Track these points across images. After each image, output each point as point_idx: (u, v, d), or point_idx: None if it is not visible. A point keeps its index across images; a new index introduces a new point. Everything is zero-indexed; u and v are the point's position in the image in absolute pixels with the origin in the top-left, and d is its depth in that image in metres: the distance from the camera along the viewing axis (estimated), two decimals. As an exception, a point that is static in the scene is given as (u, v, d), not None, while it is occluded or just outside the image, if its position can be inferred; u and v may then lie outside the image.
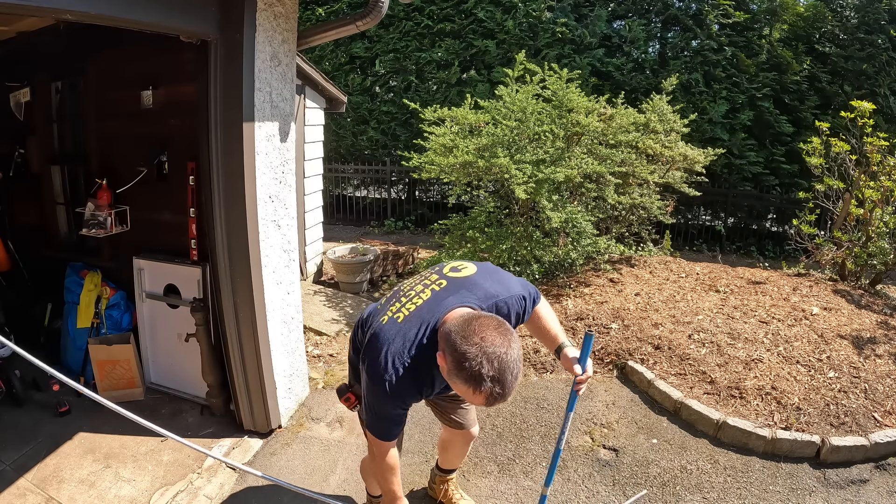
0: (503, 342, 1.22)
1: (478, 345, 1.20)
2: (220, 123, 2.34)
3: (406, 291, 1.54)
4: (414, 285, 1.55)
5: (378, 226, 8.66)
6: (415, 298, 1.47)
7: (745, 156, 7.27)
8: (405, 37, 8.32)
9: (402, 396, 1.44)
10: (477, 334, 1.22)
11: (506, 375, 1.20)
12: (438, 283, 1.51)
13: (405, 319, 1.43)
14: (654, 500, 2.34)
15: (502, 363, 1.20)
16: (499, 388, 1.20)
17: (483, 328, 1.24)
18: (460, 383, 1.24)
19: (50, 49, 3.20)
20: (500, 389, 1.20)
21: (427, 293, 1.48)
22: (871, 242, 4.27)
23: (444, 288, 1.48)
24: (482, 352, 1.19)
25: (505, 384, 1.20)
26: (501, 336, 1.23)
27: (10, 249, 3.61)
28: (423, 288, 1.51)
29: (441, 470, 2.28)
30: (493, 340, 1.21)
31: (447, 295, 1.46)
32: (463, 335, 1.24)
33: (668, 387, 3.01)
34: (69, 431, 2.74)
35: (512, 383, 1.22)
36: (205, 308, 2.74)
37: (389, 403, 1.44)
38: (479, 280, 1.51)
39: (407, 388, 1.42)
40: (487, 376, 1.19)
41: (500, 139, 4.27)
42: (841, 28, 7.06)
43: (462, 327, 1.26)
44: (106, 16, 1.80)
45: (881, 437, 2.54)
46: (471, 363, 1.20)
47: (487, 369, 1.19)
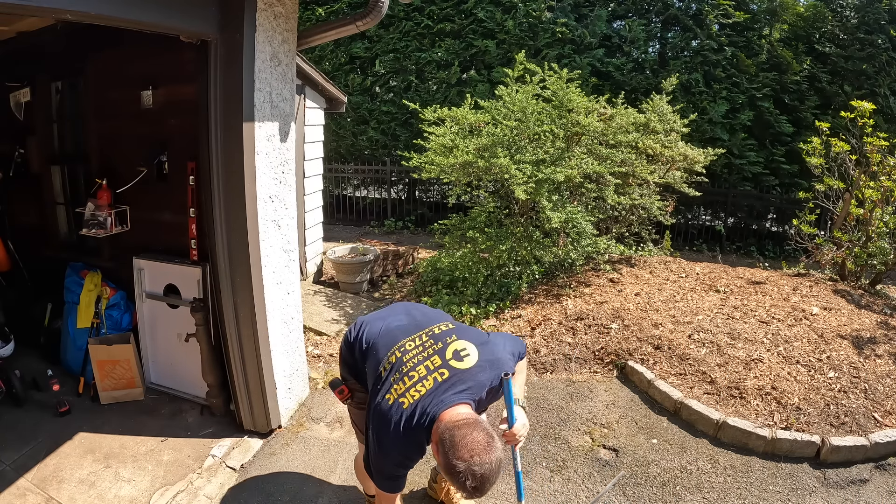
0: (487, 457, 1.39)
1: (466, 461, 1.38)
2: (220, 123, 2.34)
3: (409, 370, 1.67)
4: (416, 364, 1.68)
5: (378, 226, 8.66)
6: (418, 386, 1.62)
7: (745, 156, 7.27)
8: (405, 37, 8.32)
9: (404, 465, 1.67)
10: (465, 449, 1.40)
11: (485, 485, 1.40)
12: (441, 371, 1.65)
13: (409, 406, 1.59)
14: (654, 500, 2.34)
15: (483, 477, 1.38)
16: (478, 494, 1.41)
17: (472, 444, 1.40)
18: (448, 478, 1.45)
19: (50, 49, 3.20)
20: (479, 494, 1.42)
21: (430, 382, 1.62)
22: (871, 242, 4.27)
23: (446, 380, 1.62)
24: (468, 468, 1.38)
25: (483, 490, 1.41)
26: (486, 452, 1.40)
27: (10, 249, 3.61)
28: (427, 373, 1.64)
29: None
30: (479, 457, 1.38)
31: (448, 388, 1.60)
32: (453, 448, 1.42)
33: (668, 387, 3.01)
34: (69, 431, 2.74)
35: (490, 487, 1.42)
36: (205, 308, 2.74)
37: (393, 467, 1.67)
38: (477, 373, 1.66)
39: (408, 459, 1.65)
40: (470, 487, 1.39)
41: (500, 139, 4.27)
42: (841, 28, 7.06)
43: (453, 439, 1.43)
44: (106, 16, 1.80)
45: (881, 437, 2.54)
46: (457, 474, 1.39)
47: (471, 482, 1.38)
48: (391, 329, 1.84)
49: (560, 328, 3.74)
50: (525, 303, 4.21)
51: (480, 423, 1.48)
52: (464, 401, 1.59)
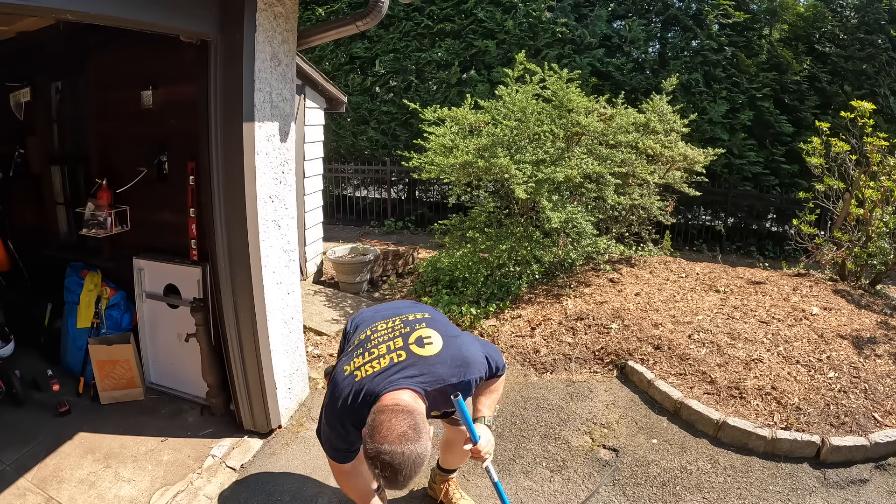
0: (399, 447, 1.37)
1: (376, 446, 1.38)
2: (220, 123, 2.34)
3: (371, 347, 1.69)
4: (379, 342, 1.70)
5: (378, 226, 8.66)
6: (374, 363, 1.63)
7: (745, 156, 7.27)
8: (405, 37, 8.31)
9: (345, 438, 1.67)
10: (380, 435, 1.39)
11: (396, 476, 1.37)
12: (399, 353, 1.64)
13: (360, 381, 1.60)
14: (654, 500, 2.34)
15: (393, 467, 1.36)
16: (389, 483, 1.39)
17: (387, 431, 1.39)
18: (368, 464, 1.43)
19: (50, 49, 3.20)
20: (392, 484, 1.39)
21: (385, 361, 1.63)
22: (871, 242, 4.27)
23: (401, 362, 1.62)
24: (378, 453, 1.37)
25: (395, 481, 1.38)
26: (399, 441, 1.37)
27: (10, 249, 3.61)
28: (386, 352, 1.65)
29: (442, 469, 2.28)
30: (390, 445, 1.37)
31: (398, 371, 1.59)
32: (370, 431, 1.41)
33: (668, 387, 3.01)
34: (69, 431, 2.74)
35: (403, 481, 1.39)
36: (205, 308, 2.74)
37: (336, 438, 1.68)
38: (435, 362, 1.63)
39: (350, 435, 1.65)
40: (381, 476, 1.39)
41: (500, 139, 4.27)
42: (841, 28, 7.06)
43: (373, 423, 1.43)
44: (106, 16, 1.80)
45: (881, 437, 2.54)
46: (368, 458, 1.39)
47: (380, 469, 1.37)
48: (377, 315, 1.89)
49: (560, 328, 3.74)
50: (525, 303, 4.21)
51: (409, 412, 1.45)
52: (410, 387, 1.56)
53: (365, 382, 1.58)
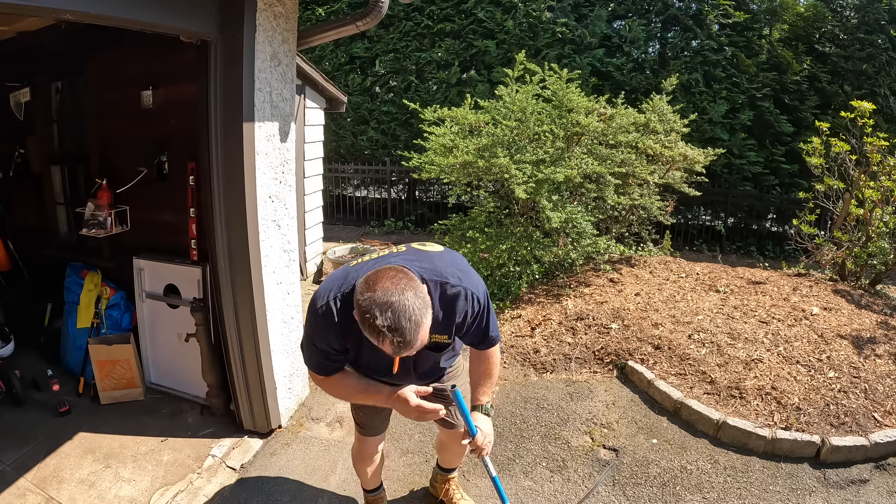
0: (396, 289, 1.22)
1: (370, 297, 1.21)
2: (220, 123, 2.34)
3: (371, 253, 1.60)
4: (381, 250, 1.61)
5: (378, 226, 8.65)
6: (371, 254, 1.53)
7: (745, 156, 7.27)
8: (405, 37, 8.31)
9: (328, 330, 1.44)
10: (371, 286, 1.24)
11: (401, 323, 1.20)
12: (398, 248, 1.55)
13: (355, 266, 1.48)
14: (654, 500, 2.34)
15: (395, 311, 1.20)
16: (398, 337, 1.21)
17: (378, 279, 1.24)
18: (369, 337, 1.26)
19: (50, 49, 3.20)
20: (400, 337, 1.21)
21: (384, 252, 1.52)
22: (871, 242, 4.27)
23: (401, 252, 1.51)
24: (373, 302, 1.21)
25: (403, 331, 1.21)
26: (394, 283, 1.23)
27: (10, 249, 3.61)
28: (386, 250, 1.55)
29: (442, 469, 2.28)
30: (385, 289, 1.21)
31: (395, 256, 1.47)
32: (360, 291, 1.25)
33: (668, 387, 3.01)
34: (69, 431, 2.74)
35: (412, 330, 1.22)
36: (205, 308, 2.74)
37: (318, 334, 1.48)
38: (435, 258, 1.50)
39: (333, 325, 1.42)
40: (384, 326, 1.20)
41: (500, 139, 4.27)
42: (841, 28, 7.05)
43: (362, 283, 1.27)
44: (106, 16, 1.80)
45: (881, 437, 2.54)
46: (366, 316, 1.22)
47: (381, 320, 1.20)
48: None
49: (560, 328, 3.74)
50: (525, 303, 4.21)
51: (410, 277, 1.29)
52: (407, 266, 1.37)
53: (361, 266, 1.45)
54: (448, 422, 1.98)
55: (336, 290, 1.44)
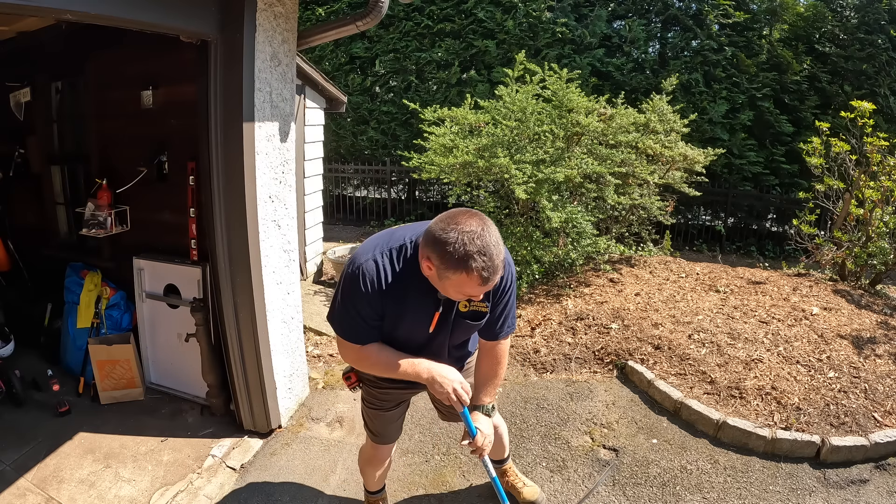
0: (478, 224, 1.27)
1: (455, 229, 1.26)
2: (220, 123, 2.34)
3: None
4: None
5: (378, 226, 8.65)
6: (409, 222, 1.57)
7: (745, 156, 7.27)
8: (405, 37, 8.31)
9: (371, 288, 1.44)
10: (452, 223, 1.28)
11: (490, 250, 1.25)
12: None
13: (392, 229, 1.52)
14: (654, 500, 2.34)
15: (482, 239, 1.25)
16: (487, 260, 1.26)
17: (457, 216, 1.29)
18: (451, 273, 1.28)
19: (50, 49, 3.20)
20: (489, 261, 1.26)
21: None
22: (871, 242, 4.27)
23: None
24: (461, 233, 1.25)
25: (491, 257, 1.26)
26: (477, 219, 1.28)
27: (10, 249, 3.61)
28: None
29: (495, 463, 2.28)
30: (468, 226, 1.27)
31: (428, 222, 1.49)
32: (441, 228, 1.29)
33: (668, 387, 3.01)
34: (69, 431, 2.74)
35: (497, 257, 1.27)
36: (205, 308, 2.74)
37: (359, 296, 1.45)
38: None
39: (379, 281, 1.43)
40: (472, 254, 1.24)
41: (500, 139, 4.27)
42: (841, 28, 7.06)
43: (438, 224, 1.31)
44: (106, 16, 1.80)
45: (881, 437, 2.54)
46: (454, 246, 1.25)
47: (470, 247, 1.24)
48: None
49: (560, 328, 3.74)
50: (525, 303, 4.21)
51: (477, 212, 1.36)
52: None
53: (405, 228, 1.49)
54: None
55: (382, 247, 1.46)
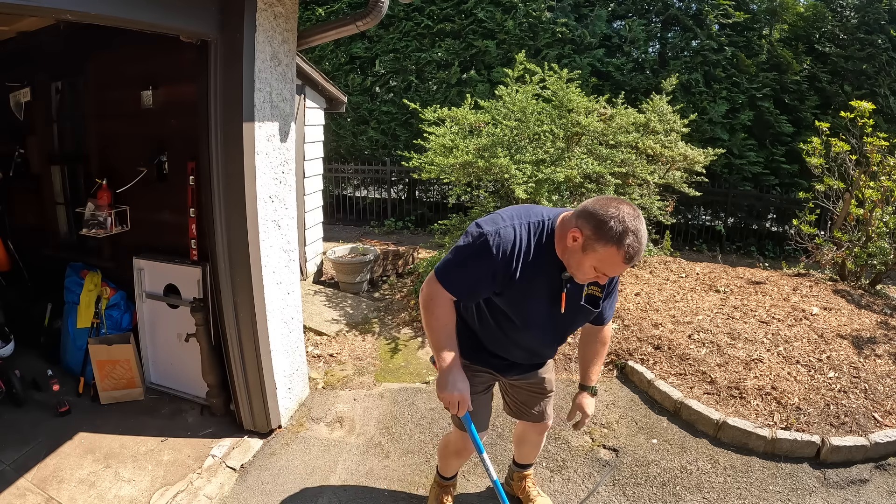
0: (633, 210, 1.38)
1: (616, 209, 1.37)
2: (220, 123, 2.34)
3: None
4: None
5: (378, 226, 8.65)
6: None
7: (745, 156, 7.27)
8: (405, 37, 8.31)
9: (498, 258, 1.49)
10: (611, 203, 1.39)
11: (641, 234, 1.37)
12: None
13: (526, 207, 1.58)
14: (654, 500, 2.34)
15: (636, 227, 1.36)
16: (637, 243, 1.36)
17: (614, 200, 1.40)
18: (601, 245, 1.38)
19: (50, 49, 3.20)
20: (638, 245, 1.37)
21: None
22: (871, 242, 4.27)
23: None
24: (621, 212, 1.36)
25: (641, 241, 1.37)
26: (629, 205, 1.39)
27: (10, 249, 3.61)
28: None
29: (518, 465, 2.29)
30: (626, 208, 1.38)
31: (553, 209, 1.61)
32: (601, 206, 1.39)
33: (668, 387, 3.01)
34: (69, 431, 2.74)
35: (643, 244, 1.39)
36: (205, 308, 2.74)
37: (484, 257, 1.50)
38: None
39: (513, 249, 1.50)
40: (629, 232, 1.35)
41: (500, 139, 4.27)
42: (841, 28, 7.05)
43: (595, 203, 1.42)
44: (106, 16, 1.80)
45: (881, 437, 2.54)
46: (615, 220, 1.35)
47: (628, 227, 1.35)
48: None
49: (560, 328, 3.74)
50: (525, 303, 4.20)
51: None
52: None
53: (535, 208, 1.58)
54: (533, 414, 1.99)
55: (521, 218, 1.54)
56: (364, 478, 2.49)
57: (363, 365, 3.63)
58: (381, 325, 4.31)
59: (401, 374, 3.54)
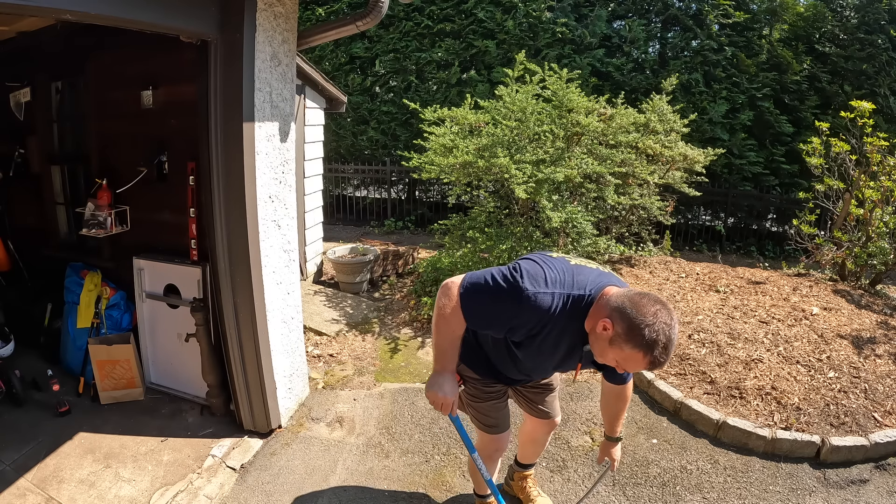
0: (669, 318, 1.35)
1: (653, 316, 1.34)
2: (220, 123, 2.34)
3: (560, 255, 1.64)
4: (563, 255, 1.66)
5: (378, 226, 8.65)
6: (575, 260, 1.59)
7: (745, 156, 7.27)
8: (405, 37, 8.31)
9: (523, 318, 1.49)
10: (651, 307, 1.36)
11: (671, 347, 1.35)
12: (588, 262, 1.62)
13: (576, 265, 1.55)
14: (654, 500, 2.34)
15: (668, 337, 1.34)
16: (664, 357, 1.35)
17: (654, 303, 1.37)
18: (628, 348, 1.36)
19: (50, 49, 3.20)
20: (664, 357, 1.36)
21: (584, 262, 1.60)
22: (871, 242, 4.27)
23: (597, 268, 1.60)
24: (658, 321, 1.33)
25: (669, 353, 1.36)
26: (668, 312, 1.36)
27: (10, 249, 3.61)
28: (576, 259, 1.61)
29: (520, 465, 2.29)
30: (664, 316, 1.35)
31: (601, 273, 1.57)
32: (639, 308, 1.36)
33: (668, 387, 3.01)
34: (69, 431, 2.74)
35: (672, 350, 1.37)
36: (205, 308, 2.74)
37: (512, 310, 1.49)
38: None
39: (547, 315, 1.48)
40: (660, 343, 1.33)
41: (500, 139, 4.27)
42: (841, 28, 7.05)
43: (635, 300, 1.38)
44: (106, 16, 1.80)
45: (881, 437, 2.54)
46: (650, 328, 1.33)
47: (660, 338, 1.33)
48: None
49: (560, 328, 3.74)
50: (525, 303, 4.20)
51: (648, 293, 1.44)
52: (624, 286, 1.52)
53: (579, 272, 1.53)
54: (544, 411, 2.00)
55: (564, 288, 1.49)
56: (364, 478, 2.50)
57: (363, 365, 3.63)
58: (381, 325, 4.31)
59: (401, 374, 3.54)
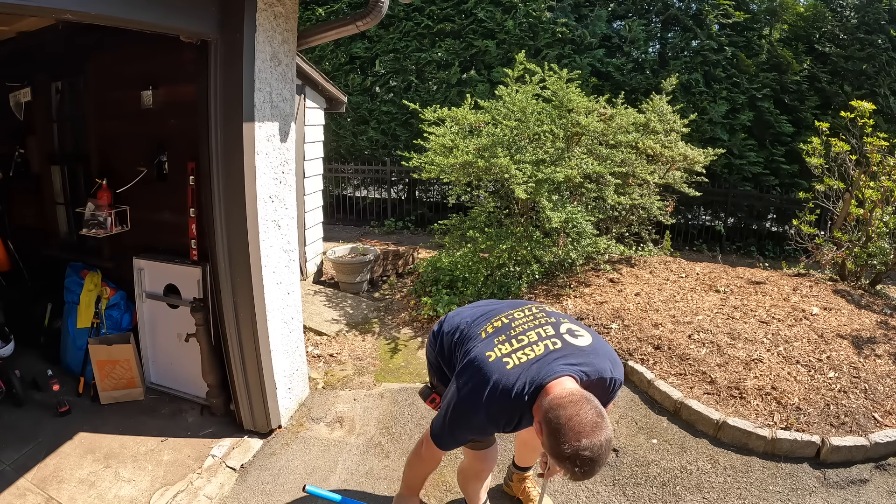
0: (597, 440, 1.29)
1: (573, 446, 1.28)
2: (220, 123, 2.34)
3: (518, 334, 1.60)
4: (527, 329, 1.61)
5: (378, 226, 8.65)
6: (527, 349, 1.54)
7: (745, 156, 7.27)
8: (405, 37, 8.31)
9: (483, 429, 1.62)
10: (573, 432, 1.29)
11: (594, 468, 1.31)
12: (553, 340, 1.56)
13: (514, 368, 1.50)
14: (654, 500, 2.34)
15: (592, 461, 1.29)
16: (586, 477, 1.32)
17: (579, 426, 1.30)
18: (552, 456, 1.35)
19: (50, 49, 3.20)
20: (587, 477, 1.32)
21: (540, 348, 1.54)
22: (871, 242, 4.27)
23: (558, 349, 1.53)
24: (577, 452, 1.28)
25: (592, 473, 1.32)
26: (595, 433, 1.29)
27: (10, 249, 3.61)
28: (538, 339, 1.56)
29: (518, 468, 2.30)
30: (588, 440, 1.28)
31: (558, 358, 1.51)
32: (559, 430, 1.31)
33: (668, 387, 3.01)
34: (69, 431, 2.74)
35: (599, 469, 1.33)
36: (205, 308, 2.74)
37: (467, 429, 1.60)
38: (590, 353, 1.56)
39: (493, 424, 1.57)
40: (579, 472, 1.30)
41: (500, 139, 4.27)
42: (841, 28, 7.06)
43: (559, 420, 1.32)
44: (106, 16, 1.80)
45: (881, 437, 2.54)
46: (564, 458, 1.30)
47: (580, 467, 1.29)
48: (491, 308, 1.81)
49: (560, 328, 3.74)
50: (525, 303, 4.20)
51: (588, 398, 1.36)
52: (573, 374, 1.47)
53: (520, 372, 1.48)
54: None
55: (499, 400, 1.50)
56: (364, 478, 2.50)
57: (363, 365, 3.63)
58: (381, 325, 4.31)
59: (401, 374, 3.54)
